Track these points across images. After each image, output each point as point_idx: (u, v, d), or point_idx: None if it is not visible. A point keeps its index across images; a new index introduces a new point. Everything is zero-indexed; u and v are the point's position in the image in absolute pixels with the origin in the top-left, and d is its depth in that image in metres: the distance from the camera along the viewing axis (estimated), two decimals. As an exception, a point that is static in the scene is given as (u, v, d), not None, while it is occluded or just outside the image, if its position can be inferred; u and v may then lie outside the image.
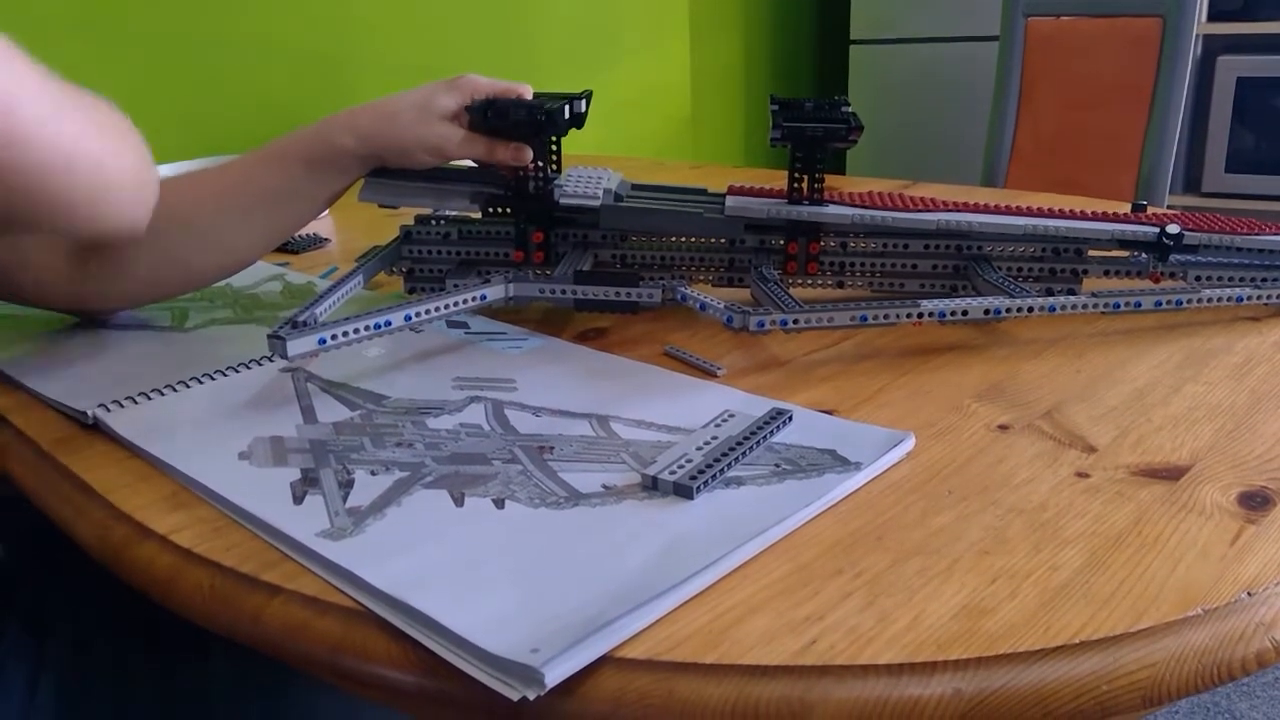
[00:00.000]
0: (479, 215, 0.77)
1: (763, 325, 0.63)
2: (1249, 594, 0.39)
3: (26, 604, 0.58)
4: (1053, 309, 0.66)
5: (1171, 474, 0.49)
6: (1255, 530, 0.43)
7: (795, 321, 0.64)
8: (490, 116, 0.71)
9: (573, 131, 0.76)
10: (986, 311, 0.65)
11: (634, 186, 0.79)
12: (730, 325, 0.64)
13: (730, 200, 0.74)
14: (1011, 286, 0.68)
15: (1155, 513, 0.45)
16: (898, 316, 0.64)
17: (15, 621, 0.57)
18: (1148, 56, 1.57)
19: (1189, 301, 0.69)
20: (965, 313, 0.65)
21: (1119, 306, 0.68)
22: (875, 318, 0.64)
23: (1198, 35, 2.03)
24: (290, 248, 0.98)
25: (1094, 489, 0.47)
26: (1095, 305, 0.67)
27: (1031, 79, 1.68)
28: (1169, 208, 0.79)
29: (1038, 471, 0.49)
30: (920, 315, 0.64)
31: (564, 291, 0.69)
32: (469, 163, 0.75)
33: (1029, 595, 0.39)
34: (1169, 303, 0.68)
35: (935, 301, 0.65)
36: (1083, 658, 0.36)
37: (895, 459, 0.51)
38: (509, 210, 0.76)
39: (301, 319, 0.61)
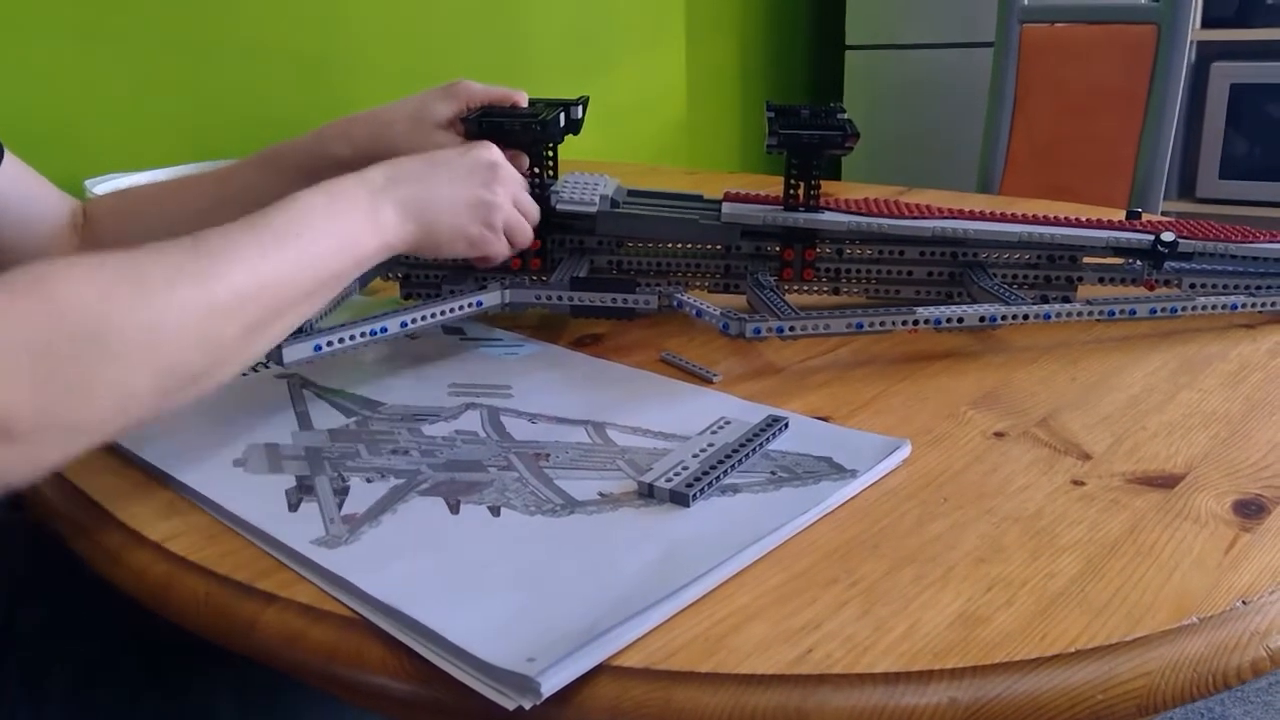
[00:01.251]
0: None
1: (759, 332, 0.63)
2: (1244, 602, 0.39)
3: (25, 653, 0.58)
4: (1048, 316, 0.66)
5: (1166, 482, 0.49)
6: (1250, 538, 0.44)
7: (791, 328, 0.64)
8: (485, 126, 0.71)
9: (569, 137, 0.76)
10: (982, 319, 0.65)
11: (630, 192, 0.79)
12: (726, 332, 0.64)
13: (726, 206, 0.74)
14: (1006, 294, 0.68)
15: (1150, 521, 0.45)
16: (894, 324, 0.64)
17: (15, 672, 0.57)
18: (1142, 63, 1.57)
19: (1184, 309, 0.69)
20: (961, 320, 0.65)
21: (1113, 314, 0.68)
22: (871, 325, 0.64)
23: (1192, 42, 2.03)
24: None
25: (1089, 497, 0.48)
26: (1090, 313, 0.67)
27: (1026, 85, 1.68)
28: (1163, 214, 0.79)
29: (1033, 479, 0.49)
30: (916, 322, 0.64)
31: (560, 298, 0.69)
32: None
33: (1025, 603, 0.39)
34: (1164, 310, 0.68)
35: (931, 309, 0.65)
36: (1078, 666, 0.36)
37: (891, 466, 0.51)
38: None
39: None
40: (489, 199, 0.62)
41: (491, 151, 0.64)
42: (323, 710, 0.61)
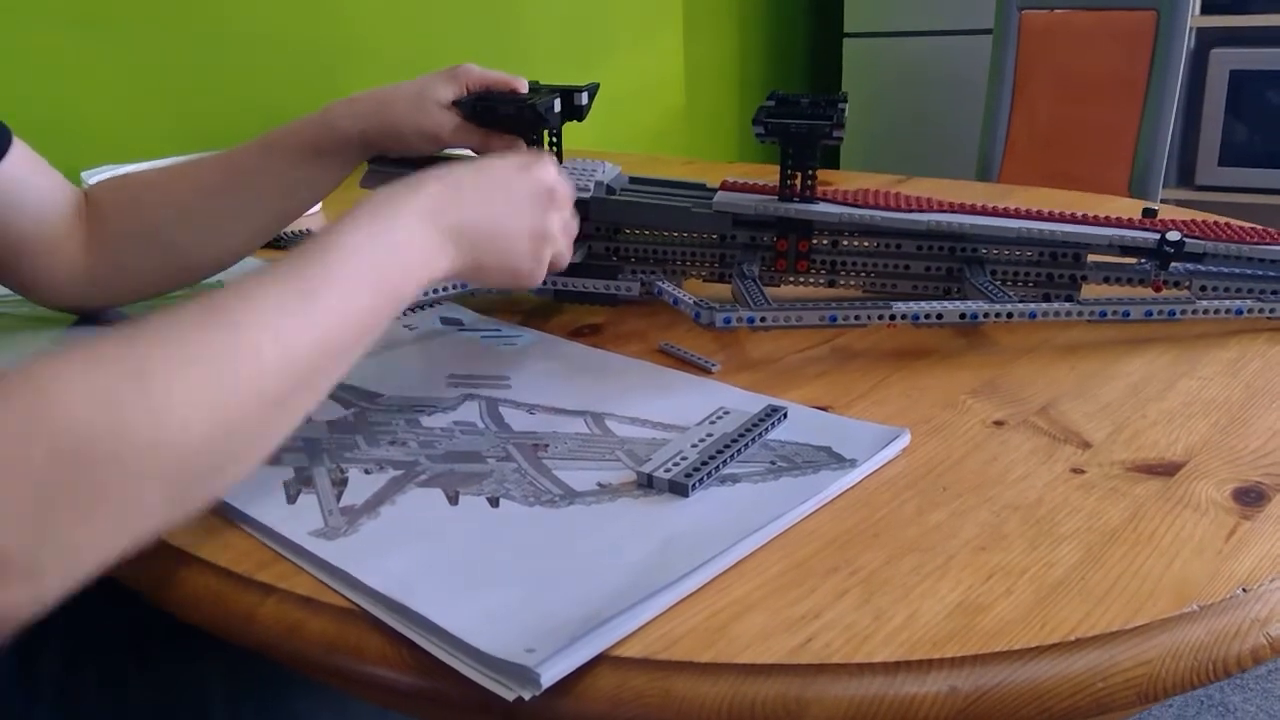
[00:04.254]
0: None
1: (729, 322, 0.63)
2: (1244, 590, 0.39)
3: (19, 635, 0.58)
4: (1033, 315, 0.64)
5: (1166, 470, 0.49)
6: (1250, 526, 0.44)
7: (763, 319, 0.63)
8: (480, 111, 0.71)
9: (571, 126, 0.76)
10: (962, 315, 0.63)
11: (632, 179, 0.79)
12: (698, 321, 0.64)
13: (719, 196, 0.73)
14: (994, 291, 0.66)
15: (1150, 509, 0.45)
16: (869, 318, 0.63)
17: (10, 655, 0.57)
18: (1141, 50, 1.57)
19: (1182, 313, 0.65)
20: (940, 316, 0.63)
21: (1104, 315, 0.65)
22: (845, 318, 0.63)
23: (1191, 28, 2.02)
24: (283, 244, 0.98)
25: (1089, 485, 0.47)
26: (1079, 313, 0.65)
27: (1025, 72, 1.68)
28: (1162, 201, 0.77)
29: (1033, 468, 0.49)
30: (893, 317, 0.63)
31: (544, 282, 0.69)
32: (470, 151, 0.75)
33: (1024, 592, 0.39)
34: (1159, 313, 0.65)
35: (908, 304, 0.63)
36: (1078, 654, 0.36)
37: (890, 455, 0.51)
38: None
39: None
40: (546, 231, 0.57)
41: (550, 172, 0.58)
42: (314, 696, 0.61)
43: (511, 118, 0.71)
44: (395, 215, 0.48)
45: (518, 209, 0.55)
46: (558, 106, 0.73)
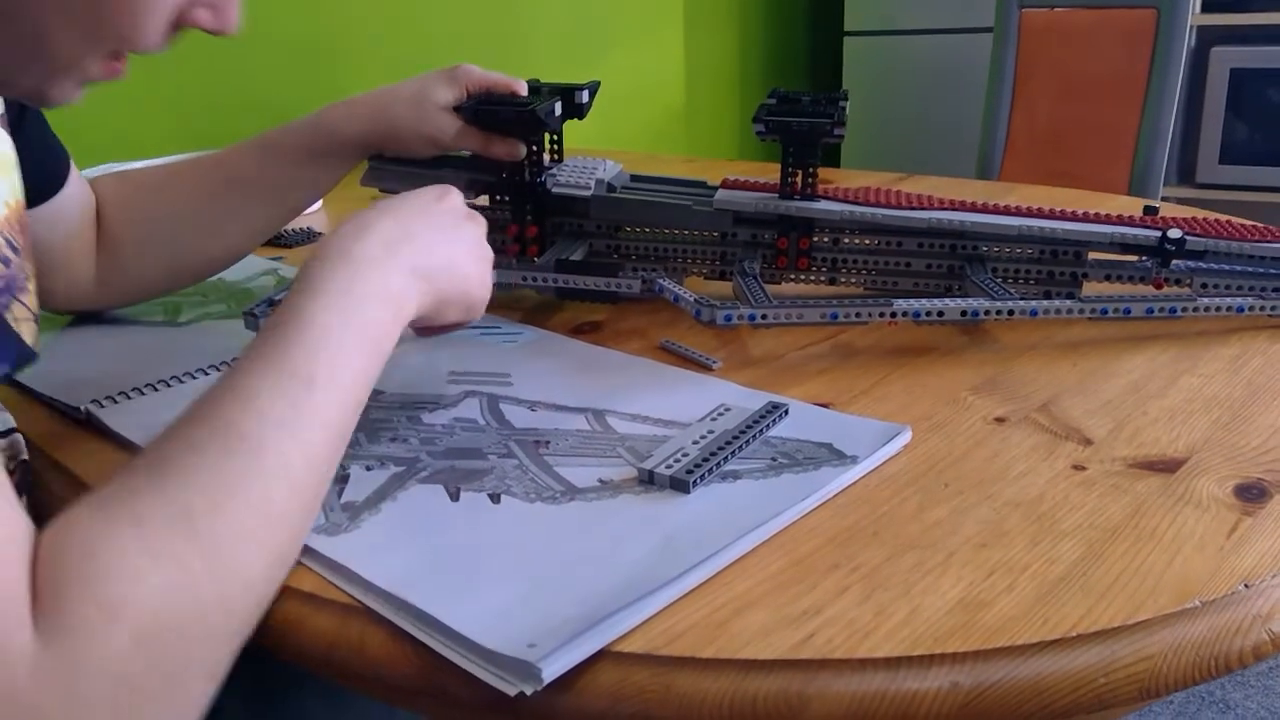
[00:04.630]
0: (485, 203, 0.77)
1: (730, 319, 0.63)
2: (1246, 586, 0.39)
3: None
4: (1034, 312, 0.64)
5: (1168, 466, 0.49)
6: (1252, 522, 0.44)
7: (764, 316, 0.63)
8: (481, 115, 0.71)
9: (571, 124, 0.76)
10: (963, 313, 0.63)
11: (633, 177, 0.79)
12: (699, 318, 0.64)
13: (720, 193, 0.73)
14: (995, 288, 0.66)
15: (1152, 505, 0.45)
16: (870, 315, 0.63)
17: None
18: (1142, 48, 1.57)
19: (1183, 310, 0.66)
20: (941, 313, 0.63)
21: (1106, 312, 0.65)
22: (847, 315, 0.63)
23: (1191, 26, 2.02)
24: (283, 242, 0.98)
25: (1090, 482, 0.47)
26: (1080, 310, 0.65)
27: (1026, 71, 1.68)
28: (1163, 199, 0.77)
29: (1034, 464, 0.49)
30: (894, 315, 0.63)
31: (546, 280, 0.69)
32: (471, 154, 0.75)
33: (1026, 588, 0.39)
34: (1161, 310, 0.65)
35: (909, 301, 0.63)
36: (1080, 650, 0.36)
37: (892, 452, 0.51)
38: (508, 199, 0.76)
39: (278, 298, 0.60)
40: (483, 250, 0.55)
41: (461, 199, 0.56)
42: (328, 698, 0.61)
43: (513, 122, 0.71)
44: (356, 269, 0.46)
45: (453, 234, 0.53)
46: (559, 110, 0.73)
